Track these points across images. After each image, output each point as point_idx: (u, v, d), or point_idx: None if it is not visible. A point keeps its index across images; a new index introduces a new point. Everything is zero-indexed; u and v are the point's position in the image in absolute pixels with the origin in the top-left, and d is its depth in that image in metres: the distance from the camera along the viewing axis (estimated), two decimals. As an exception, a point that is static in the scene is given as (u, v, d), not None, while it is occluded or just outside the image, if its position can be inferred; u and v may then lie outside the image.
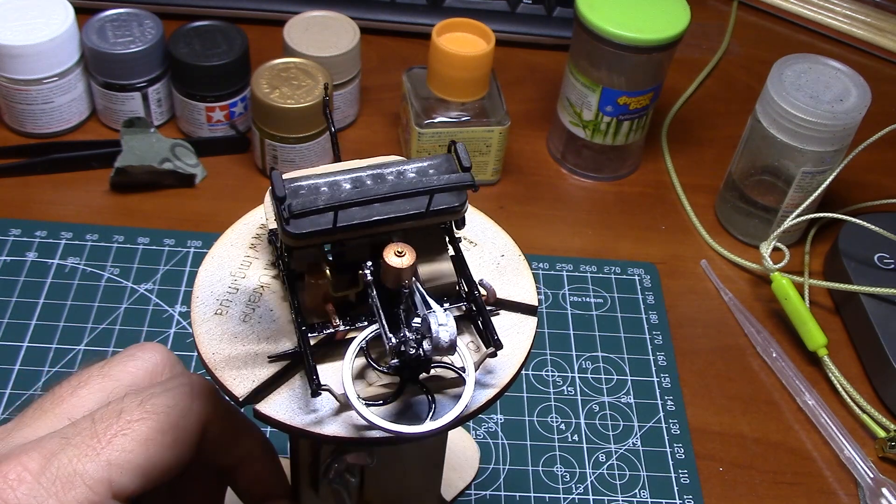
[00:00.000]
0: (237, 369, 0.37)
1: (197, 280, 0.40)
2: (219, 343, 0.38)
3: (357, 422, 0.36)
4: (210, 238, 0.68)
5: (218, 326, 0.38)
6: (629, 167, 0.79)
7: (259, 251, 0.41)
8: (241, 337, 0.38)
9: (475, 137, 0.72)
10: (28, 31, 0.69)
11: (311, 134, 0.70)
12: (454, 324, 0.34)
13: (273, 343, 0.38)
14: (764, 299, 0.70)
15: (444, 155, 0.39)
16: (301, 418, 0.36)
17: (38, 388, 0.59)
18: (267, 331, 0.38)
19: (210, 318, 0.38)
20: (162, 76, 0.73)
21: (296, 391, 0.37)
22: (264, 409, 0.36)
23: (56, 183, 0.71)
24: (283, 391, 0.37)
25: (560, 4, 0.87)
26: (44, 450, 0.36)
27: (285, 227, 0.35)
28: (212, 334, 0.38)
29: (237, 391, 0.36)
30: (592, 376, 0.64)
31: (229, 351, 0.37)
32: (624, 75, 0.71)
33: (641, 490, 0.59)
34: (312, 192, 0.36)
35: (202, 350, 0.37)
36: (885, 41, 0.93)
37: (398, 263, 0.36)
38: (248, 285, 0.40)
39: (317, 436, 0.36)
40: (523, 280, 0.42)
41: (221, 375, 0.37)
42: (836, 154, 0.68)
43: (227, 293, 0.39)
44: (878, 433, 0.63)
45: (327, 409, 0.36)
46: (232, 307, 0.39)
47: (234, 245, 0.41)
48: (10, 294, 0.64)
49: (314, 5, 0.80)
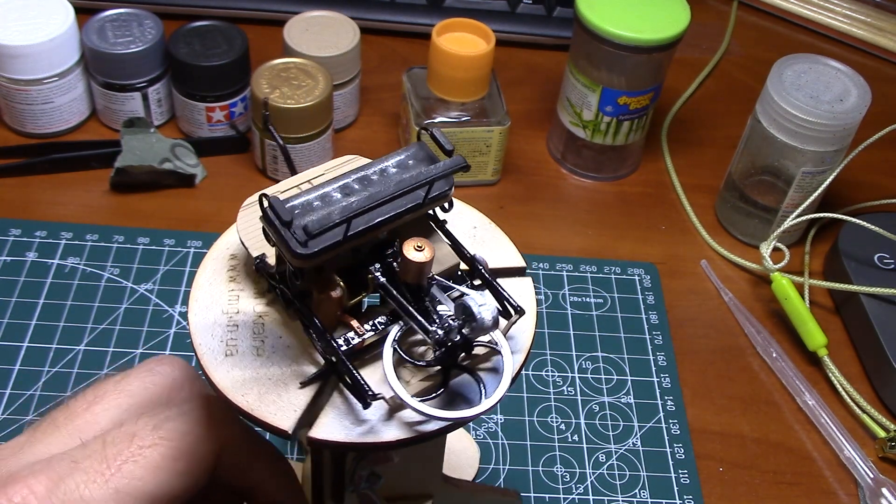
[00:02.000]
0: (273, 404, 0.36)
1: (191, 328, 0.38)
2: (242, 385, 0.36)
3: (411, 420, 0.36)
4: (210, 238, 0.68)
5: (234, 368, 0.37)
6: (629, 167, 0.79)
7: (241, 283, 0.40)
8: (262, 371, 0.37)
9: (475, 137, 0.72)
10: (28, 31, 0.69)
11: (311, 134, 0.70)
12: (493, 300, 0.36)
13: (296, 368, 0.37)
14: (764, 299, 0.70)
15: (414, 144, 0.39)
16: (356, 433, 0.36)
17: (38, 387, 0.59)
18: (285, 358, 0.37)
19: (223, 362, 0.37)
20: (162, 76, 0.73)
21: (340, 408, 0.36)
22: (318, 435, 0.35)
23: (56, 183, 0.71)
24: (327, 412, 0.36)
25: (560, 4, 0.87)
26: (52, 472, 0.35)
27: (297, 250, 0.34)
28: (232, 378, 0.37)
29: (284, 425, 0.35)
30: (592, 376, 0.64)
31: (257, 389, 0.36)
32: (624, 75, 0.71)
33: (641, 490, 0.59)
34: (309, 209, 0.36)
35: (230, 396, 0.36)
36: (885, 41, 0.93)
37: (421, 258, 0.36)
38: (247, 319, 0.39)
39: (378, 445, 0.35)
40: (503, 245, 0.42)
41: (261, 414, 0.35)
42: (836, 154, 0.68)
43: (228, 333, 0.38)
44: (878, 433, 0.63)
45: (376, 417, 0.36)
46: (240, 345, 0.38)
47: (212, 283, 0.40)
48: (10, 294, 0.64)
49: (314, 5, 0.80)
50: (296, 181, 0.40)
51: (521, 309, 0.38)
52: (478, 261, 0.39)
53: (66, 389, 0.59)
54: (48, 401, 0.59)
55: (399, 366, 0.37)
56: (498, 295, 0.38)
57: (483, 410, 0.35)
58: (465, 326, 0.35)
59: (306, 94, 0.69)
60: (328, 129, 0.72)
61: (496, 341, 0.38)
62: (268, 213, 0.35)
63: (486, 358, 0.38)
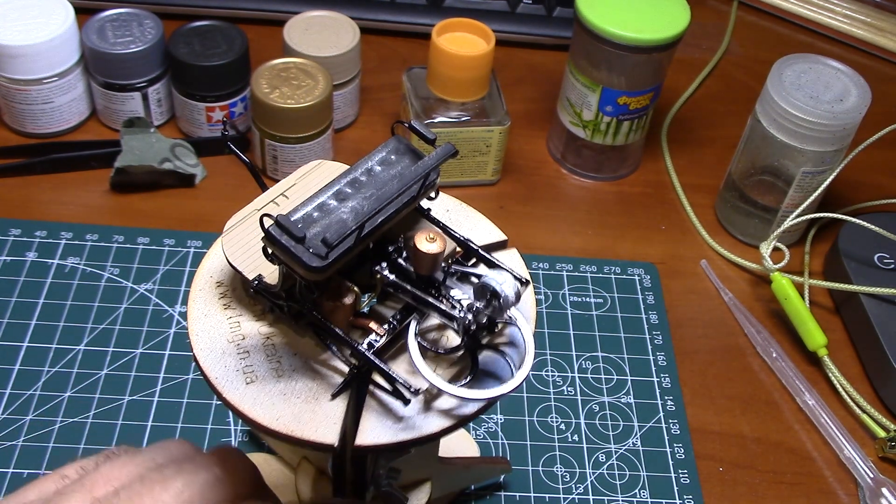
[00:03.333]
0: (311, 422, 0.36)
1: (202, 363, 0.38)
2: (273, 409, 0.36)
3: (447, 407, 0.36)
4: (210, 238, 0.68)
5: (260, 394, 0.37)
6: (629, 167, 0.79)
7: (236, 308, 0.40)
8: (289, 391, 0.37)
9: (475, 137, 0.72)
10: (28, 31, 0.69)
11: (311, 134, 0.70)
12: (510, 276, 0.36)
13: (320, 382, 0.37)
14: (764, 299, 0.70)
15: (391, 139, 0.39)
16: (399, 431, 0.36)
17: (38, 387, 0.59)
18: (306, 374, 0.37)
19: (246, 391, 0.37)
20: (162, 76, 0.73)
21: (376, 410, 0.36)
22: (364, 441, 0.36)
23: (56, 183, 0.71)
24: (366, 417, 0.36)
25: (560, 4, 0.87)
26: None
27: (313, 263, 0.34)
28: (261, 404, 0.36)
29: (328, 440, 0.35)
30: (592, 376, 0.64)
31: (290, 410, 0.36)
32: (624, 75, 0.71)
33: (641, 490, 0.59)
34: (311, 221, 0.36)
35: (265, 423, 0.36)
36: (885, 41, 0.93)
37: (435, 249, 0.36)
38: (255, 343, 0.38)
39: (425, 439, 0.36)
40: (480, 222, 0.43)
41: (302, 434, 0.35)
42: (836, 154, 0.68)
43: (241, 361, 0.38)
44: (878, 433, 0.63)
45: (414, 411, 0.36)
46: (257, 370, 0.37)
47: (207, 315, 0.39)
48: (10, 294, 0.64)
49: (314, 5, 0.80)
50: (269, 196, 0.40)
51: (525, 280, 0.39)
52: (471, 242, 0.40)
53: (65, 389, 0.59)
54: (48, 401, 0.59)
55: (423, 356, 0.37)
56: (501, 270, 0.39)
57: (518, 383, 0.36)
58: (488, 306, 0.36)
59: (306, 94, 0.69)
60: (328, 129, 0.72)
61: (512, 315, 0.38)
62: (273, 233, 0.34)
63: (500, 333, 0.39)
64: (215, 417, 0.59)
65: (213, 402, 0.60)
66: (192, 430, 0.58)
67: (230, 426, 0.59)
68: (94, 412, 0.58)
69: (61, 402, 0.59)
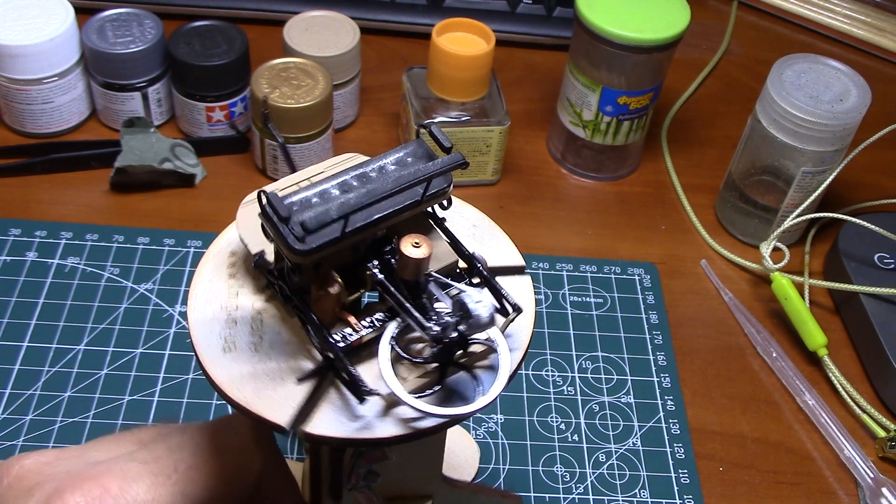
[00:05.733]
0: (270, 399, 0.36)
1: (190, 322, 0.38)
2: (240, 380, 0.37)
3: (407, 416, 0.36)
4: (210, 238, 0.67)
5: (232, 363, 0.37)
6: (629, 167, 0.79)
7: (241, 279, 0.40)
8: (260, 367, 0.37)
9: (475, 137, 0.72)
10: (28, 31, 0.69)
11: (311, 134, 0.70)
12: (489, 297, 0.36)
13: (293, 364, 0.37)
14: (764, 299, 0.70)
15: (413, 142, 0.39)
16: (351, 428, 0.36)
17: (38, 387, 0.59)
18: (282, 354, 0.38)
19: (220, 357, 0.37)
20: (162, 76, 0.73)
21: (336, 404, 0.36)
22: (313, 430, 0.36)
23: (56, 183, 0.71)
24: (323, 408, 0.36)
25: (560, 4, 0.87)
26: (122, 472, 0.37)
27: (295, 245, 0.34)
28: (229, 373, 0.37)
29: (280, 420, 0.35)
30: (592, 376, 0.64)
31: (254, 385, 0.36)
32: (624, 75, 0.71)
33: (641, 490, 0.59)
34: (307, 206, 0.36)
35: (227, 391, 0.36)
36: (885, 41, 0.93)
37: (418, 254, 0.36)
38: (245, 315, 0.39)
39: (373, 441, 0.36)
40: (502, 243, 0.43)
41: (258, 409, 0.36)
42: (836, 154, 0.68)
43: (226, 328, 0.38)
44: (878, 433, 0.63)
45: (372, 413, 0.36)
46: (238, 340, 0.38)
47: (212, 280, 0.40)
48: (10, 294, 0.64)
49: (314, 5, 0.80)
50: (296, 178, 0.40)
51: (518, 307, 0.38)
52: (476, 259, 0.39)
53: (65, 389, 0.59)
54: (48, 400, 0.59)
55: (396, 363, 0.37)
56: (496, 293, 0.38)
57: (478, 408, 0.36)
58: (461, 323, 0.35)
59: (306, 94, 0.69)
60: (328, 129, 0.72)
61: (493, 339, 0.38)
62: (266, 209, 0.35)
63: (484, 356, 0.38)
64: (215, 417, 0.59)
65: (213, 402, 0.60)
66: (192, 430, 0.58)
67: (230, 426, 0.59)
68: (94, 412, 0.58)
69: (61, 401, 0.59)
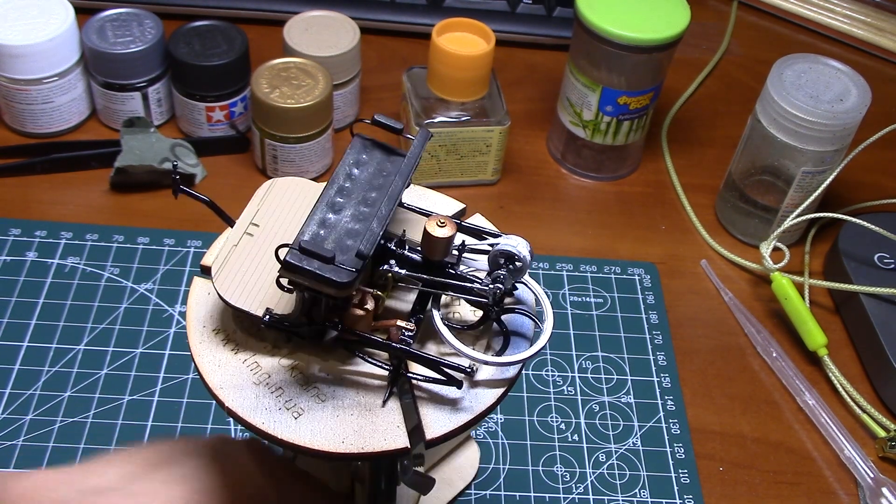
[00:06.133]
0: (376, 433, 0.36)
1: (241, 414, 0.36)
2: (334, 434, 0.36)
3: (493, 377, 0.37)
4: (210, 238, 0.68)
5: (314, 423, 0.36)
6: (629, 167, 0.79)
7: (246, 350, 0.38)
8: (340, 412, 0.37)
9: (475, 137, 0.72)
10: (28, 31, 0.69)
11: (311, 134, 0.70)
12: (520, 239, 0.38)
13: (363, 394, 0.37)
14: (764, 299, 0.70)
15: (355, 140, 0.39)
16: (462, 414, 0.37)
17: (38, 387, 0.59)
18: (348, 391, 0.37)
19: (298, 426, 0.36)
20: (162, 76, 0.73)
21: (429, 402, 0.37)
22: (434, 434, 0.36)
23: (56, 183, 0.71)
24: (425, 412, 0.37)
25: (560, 4, 0.87)
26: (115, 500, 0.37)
27: (344, 280, 0.34)
28: (320, 433, 0.36)
29: (401, 444, 0.36)
30: (592, 376, 0.64)
31: (350, 428, 0.36)
32: (624, 75, 0.71)
33: (641, 490, 0.59)
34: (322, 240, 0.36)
35: (334, 450, 0.35)
36: (885, 41, 0.93)
37: (446, 233, 0.37)
38: (284, 377, 0.37)
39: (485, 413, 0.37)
40: (436, 198, 0.44)
41: (374, 448, 0.36)
42: (836, 154, 0.68)
43: (279, 399, 0.37)
44: (878, 433, 0.63)
45: (464, 391, 0.37)
46: (300, 403, 0.37)
47: (222, 365, 0.38)
48: (10, 294, 0.64)
49: (314, 5, 0.80)
50: (240, 228, 0.39)
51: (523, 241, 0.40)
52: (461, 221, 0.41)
53: (65, 389, 0.59)
54: (48, 400, 0.59)
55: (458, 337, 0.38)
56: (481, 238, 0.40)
57: (549, 334, 0.38)
58: (509, 271, 0.37)
59: (306, 94, 0.69)
60: (328, 128, 0.72)
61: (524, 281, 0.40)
62: (293, 262, 0.34)
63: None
64: (215, 417, 0.59)
65: (212, 402, 0.60)
66: (192, 430, 0.58)
67: (230, 426, 0.59)
68: (94, 412, 0.58)
69: (61, 401, 0.59)
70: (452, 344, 0.37)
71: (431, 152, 0.72)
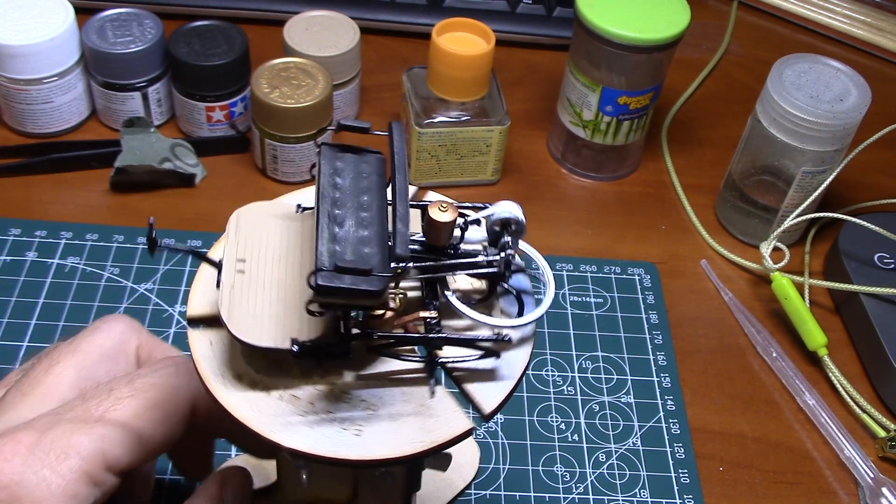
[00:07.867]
0: (439, 423, 0.36)
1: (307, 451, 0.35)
2: (401, 438, 0.35)
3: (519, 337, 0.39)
4: (210, 238, 0.68)
5: (379, 435, 0.36)
6: (629, 167, 0.79)
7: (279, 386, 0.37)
8: (396, 417, 0.36)
9: (475, 137, 0.72)
10: (28, 31, 0.69)
11: (311, 134, 0.70)
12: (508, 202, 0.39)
13: (407, 390, 0.37)
14: (764, 299, 0.70)
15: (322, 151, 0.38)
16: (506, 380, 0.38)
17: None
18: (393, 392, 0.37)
19: (364, 442, 0.35)
20: (162, 76, 0.73)
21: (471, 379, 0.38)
22: (493, 406, 0.37)
23: (56, 183, 0.71)
24: (474, 390, 0.37)
25: (560, 4, 0.87)
26: (37, 425, 0.37)
27: (380, 287, 0.33)
28: (388, 443, 0.35)
29: (467, 426, 0.36)
30: (592, 376, 0.64)
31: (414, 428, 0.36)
32: (624, 75, 0.71)
33: (641, 490, 0.59)
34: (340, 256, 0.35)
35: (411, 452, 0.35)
36: (885, 41, 0.93)
37: (448, 217, 0.37)
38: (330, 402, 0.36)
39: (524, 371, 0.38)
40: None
41: (442, 438, 0.36)
42: (836, 154, 0.68)
43: (334, 424, 0.36)
44: (878, 433, 0.63)
45: (502, 358, 0.38)
46: (357, 420, 0.36)
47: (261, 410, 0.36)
48: (10, 294, 0.64)
49: (314, 5, 0.80)
50: (230, 269, 0.37)
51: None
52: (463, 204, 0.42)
53: (65, 389, 0.59)
54: (48, 400, 0.59)
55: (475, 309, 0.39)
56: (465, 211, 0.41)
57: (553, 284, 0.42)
58: (512, 235, 0.39)
59: (306, 93, 0.69)
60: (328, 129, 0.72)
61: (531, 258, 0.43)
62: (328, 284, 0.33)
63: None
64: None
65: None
66: (192, 430, 0.58)
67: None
68: (94, 412, 0.58)
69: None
70: (478, 319, 0.38)
71: (431, 152, 0.72)
